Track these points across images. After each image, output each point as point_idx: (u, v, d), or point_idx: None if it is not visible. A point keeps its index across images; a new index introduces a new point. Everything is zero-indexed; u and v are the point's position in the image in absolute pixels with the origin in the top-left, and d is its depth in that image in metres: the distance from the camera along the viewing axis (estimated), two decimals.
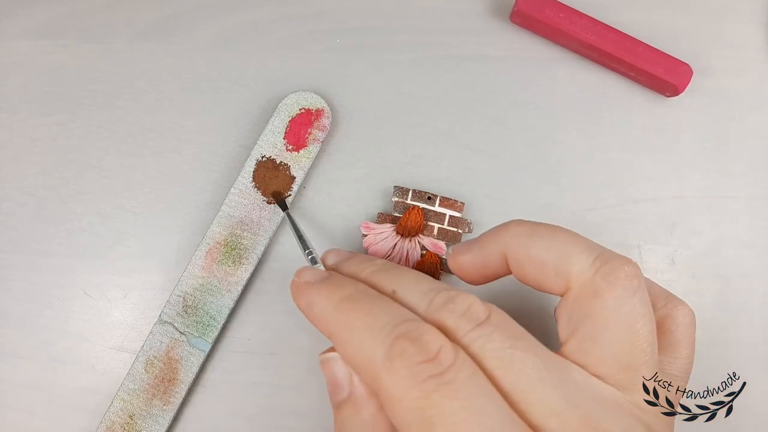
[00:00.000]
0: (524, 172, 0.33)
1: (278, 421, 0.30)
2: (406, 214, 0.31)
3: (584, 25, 0.33)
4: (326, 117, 0.32)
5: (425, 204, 0.31)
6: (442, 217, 0.31)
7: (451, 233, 0.31)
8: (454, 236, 0.31)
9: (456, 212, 0.31)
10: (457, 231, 0.31)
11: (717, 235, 0.33)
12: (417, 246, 0.31)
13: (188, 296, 0.30)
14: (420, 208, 0.31)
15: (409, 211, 0.31)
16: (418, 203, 0.31)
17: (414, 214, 0.30)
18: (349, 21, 0.35)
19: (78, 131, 0.33)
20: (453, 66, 0.35)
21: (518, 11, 0.33)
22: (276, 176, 0.32)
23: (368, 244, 0.31)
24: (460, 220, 0.31)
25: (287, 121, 0.32)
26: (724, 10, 0.36)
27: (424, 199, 0.31)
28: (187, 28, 0.34)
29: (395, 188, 0.31)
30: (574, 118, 0.34)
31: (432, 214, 0.31)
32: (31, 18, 0.34)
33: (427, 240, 0.31)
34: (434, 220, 0.31)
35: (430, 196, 0.31)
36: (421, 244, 0.31)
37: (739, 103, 0.35)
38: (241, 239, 0.31)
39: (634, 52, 0.33)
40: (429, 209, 0.31)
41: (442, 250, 0.31)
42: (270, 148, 0.32)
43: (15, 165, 0.33)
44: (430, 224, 0.31)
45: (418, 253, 0.31)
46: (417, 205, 0.31)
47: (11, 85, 0.34)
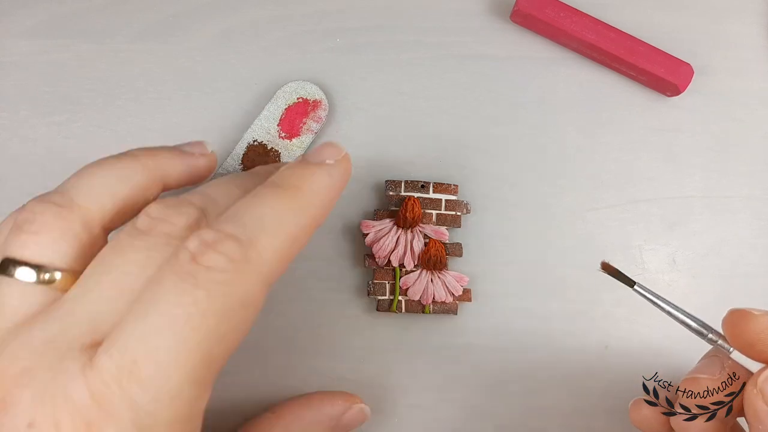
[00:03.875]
0: (524, 171, 0.33)
1: None
2: (403, 206, 0.31)
3: (585, 24, 0.33)
4: (323, 109, 0.32)
5: (419, 193, 0.31)
6: (438, 202, 0.31)
7: (450, 217, 0.31)
8: (453, 219, 0.31)
9: (451, 195, 0.32)
10: (456, 214, 0.31)
11: (718, 235, 0.33)
12: (419, 236, 0.31)
13: None
14: (415, 198, 0.31)
15: (405, 202, 0.31)
16: (413, 193, 0.31)
17: (411, 204, 0.31)
18: (349, 21, 0.35)
19: (78, 131, 0.33)
20: (453, 66, 0.35)
21: (519, 11, 0.33)
22: (265, 162, 0.32)
23: (371, 242, 0.31)
24: (456, 203, 0.32)
25: (283, 108, 0.32)
26: (725, 10, 0.36)
27: (417, 188, 0.31)
28: (187, 28, 0.34)
29: (387, 182, 0.32)
30: (574, 118, 0.34)
31: (428, 201, 0.31)
32: (31, 18, 0.34)
33: (429, 228, 0.31)
34: (431, 207, 0.31)
35: (423, 184, 0.31)
36: (423, 233, 0.31)
37: (740, 102, 0.35)
38: None
39: (635, 51, 0.33)
40: (424, 197, 0.31)
41: (444, 236, 0.31)
42: (263, 133, 0.32)
43: (15, 165, 0.33)
44: (427, 212, 0.31)
45: (422, 242, 0.31)
46: (412, 195, 0.31)
47: (11, 85, 0.33)
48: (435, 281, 0.31)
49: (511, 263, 0.32)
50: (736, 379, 0.18)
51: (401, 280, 0.31)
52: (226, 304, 0.17)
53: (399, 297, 0.30)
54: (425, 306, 0.31)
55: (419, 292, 0.30)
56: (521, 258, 0.32)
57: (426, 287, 0.31)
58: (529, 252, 0.33)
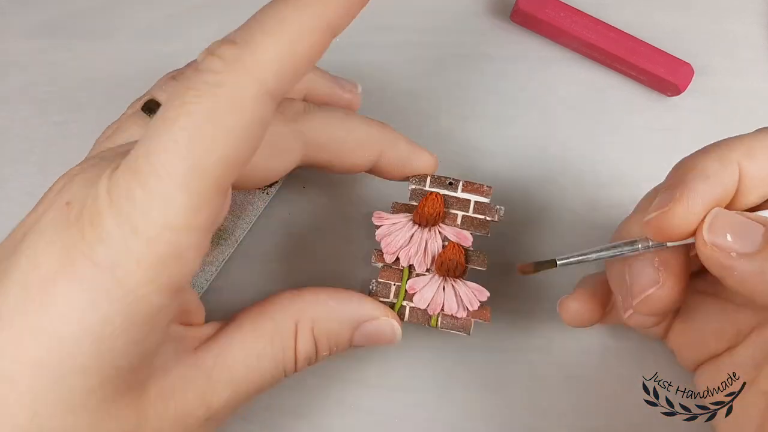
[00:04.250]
0: (524, 171, 0.33)
1: None
2: (423, 201, 0.27)
3: (585, 24, 0.33)
4: None
5: (446, 190, 0.28)
6: (467, 203, 0.28)
7: (478, 221, 0.28)
8: (481, 224, 0.28)
9: (482, 197, 0.28)
10: (485, 218, 0.28)
11: None
12: (438, 236, 0.27)
13: None
14: (439, 194, 0.28)
15: (426, 197, 0.27)
16: (439, 189, 0.28)
17: (431, 199, 0.27)
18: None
19: (78, 131, 0.33)
20: (453, 65, 0.34)
21: (519, 10, 0.33)
22: None
23: (381, 236, 0.27)
24: (487, 207, 0.28)
25: None
26: (726, 10, 0.36)
27: (444, 185, 0.28)
28: (186, 28, 0.34)
29: (411, 177, 0.28)
30: (574, 118, 0.34)
31: (454, 200, 0.28)
32: (31, 18, 0.34)
33: (450, 229, 0.27)
34: (457, 207, 0.28)
35: (452, 181, 0.28)
36: (442, 234, 0.28)
37: (740, 102, 0.35)
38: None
39: (636, 51, 0.33)
40: (451, 195, 0.28)
41: (467, 240, 0.27)
42: None
43: (15, 165, 0.33)
44: (452, 212, 0.28)
45: (439, 244, 0.27)
46: (436, 191, 0.28)
47: (11, 85, 0.34)
48: (447, 290, 0.27)
49: (511, 263, 0.32)
50: (736, 379, 0.18)
51: (408, 282, 0.27)
52: (216, 104, 0.17)
53: (403, 302, 0.27)
54: (432, 317, 0.27)
55: (427, 299, 0.27)
56: (521, 258, 0.32)
57: (436, 295, 0.27)
58: (529, 252, 0.33)
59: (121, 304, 0.18)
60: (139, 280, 0.18)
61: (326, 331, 0.25)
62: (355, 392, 0.30)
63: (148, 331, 0.19)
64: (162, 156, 0.18)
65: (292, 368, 0.25)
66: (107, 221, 0.18)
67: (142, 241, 0.18)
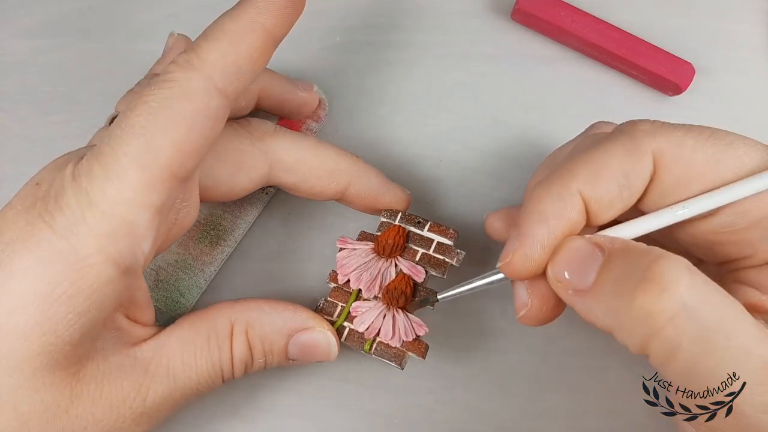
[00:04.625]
0: (525, 171, 0.33)
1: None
2: (385, 232, 0.28)
3: (586, 23, 0.33)
4: (322, 108, 0.32)
5: (414, 227, 0.28)
6: (430, 242, 0.28)
7: (436, 260, 0.27)
8: (439, 264, 0.27)
9: (447, 240, 0.28)
10: (444, 259, 0.27)
11: None
12: (393, 267, 0.28)
13: (161, 270, 0.30)
14: (401, 227, 0.28)
15: (389, 228, 0.28)
16: (406, 225, 0.28)
17: (394, 231, 0.28)
18: (349, 19, 0.35)
19: (77, 131, 0.33)
20: (453, 65, 0.34)
21: (519, 9, 0.33)
22: None
23: (340, 259, 0.28)
24: (448, 249, 0.28)
25: None
26: (727, 10, 0.36)
27: (413, 222, 0.28)
28: (186, 28, 0.34)
29: (384, 211, 0.29)
30: (575, 117, 0.34)
31: (418, 237, 0.28)
32: (30, 18, 0.34)
33: (406, 262, 0.28)
34: (419, 245, 0.28)
35: (420, 220, 0.28)
36: (398, 266, 0.28)
37: (740, 102, 0.34)
38: (220, 220, 0.31)
39: (636, 50, 0.33)
40: (416, 232, 0.28)
41: (420, 275, 0.27)
42: None
43: (15, 165, 0.33)
44: (413, 248, 0.28)
45: (392, 274, 0.28)
46: (401, 225, 0.28)
47: (11, 85, 0.34)
48: (387, 318, 0.27)
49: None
50: (736, 379, 0.18)
51: (354, 305, 0.27)
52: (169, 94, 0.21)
53: (344, 322, 0.27)
54: (366, 341, 0.27)
55: (366, 323, 0.27)
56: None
57: (375, 320, 0.27)
58: None
59: (71, 270, 0.20)
60: (91, 248, 0.20)
61: (260, 335, 0.26)
62: (355, 392, 0.30)
63: (92, 306, 0.20)
64: (120, 138, 0.20)
65: (230, 371, 0.25)
66: (68, 193, 0.20)
67: (97, 213, 0.20)
